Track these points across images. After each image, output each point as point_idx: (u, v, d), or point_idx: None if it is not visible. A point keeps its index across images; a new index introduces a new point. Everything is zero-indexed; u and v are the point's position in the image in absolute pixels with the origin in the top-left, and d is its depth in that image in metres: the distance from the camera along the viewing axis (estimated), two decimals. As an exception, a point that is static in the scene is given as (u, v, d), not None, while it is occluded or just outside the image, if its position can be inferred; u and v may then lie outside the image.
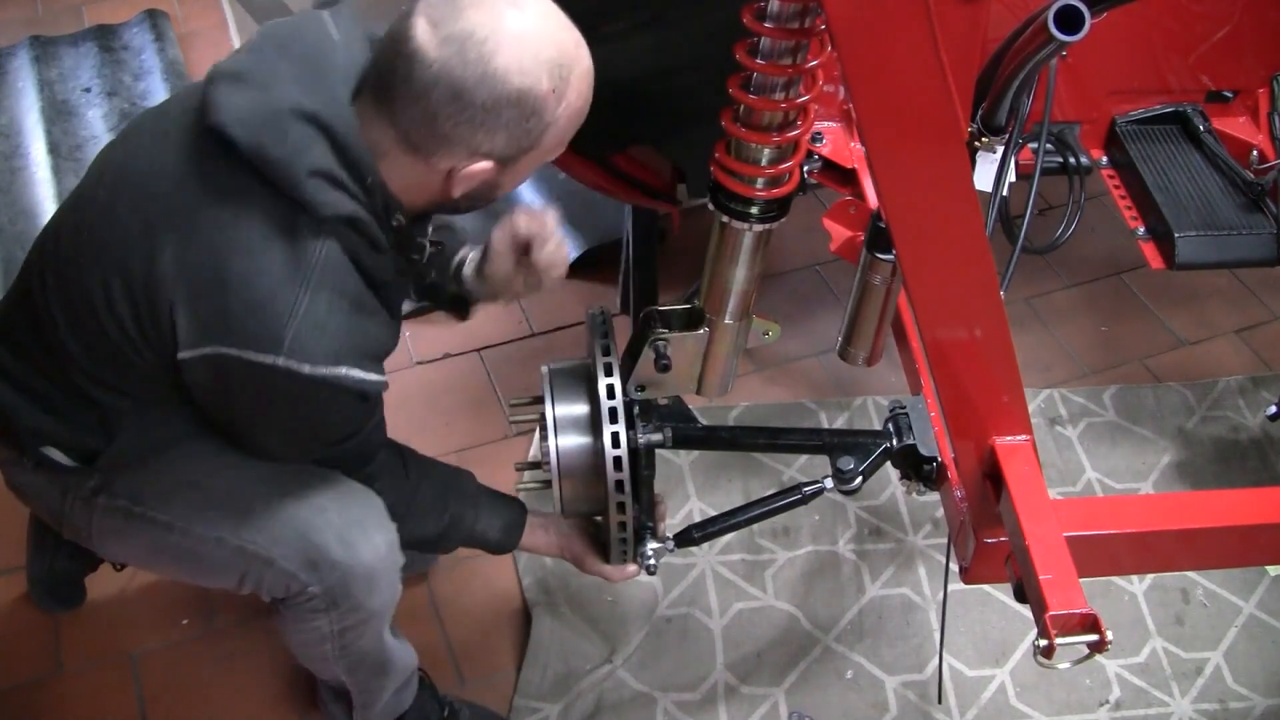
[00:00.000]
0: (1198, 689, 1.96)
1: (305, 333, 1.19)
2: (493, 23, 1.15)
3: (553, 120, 1.22)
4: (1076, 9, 1.27)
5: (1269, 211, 1.94)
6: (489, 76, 1.15)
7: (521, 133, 1.21)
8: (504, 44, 1.15)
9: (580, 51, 1.23)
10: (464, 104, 1.17)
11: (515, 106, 1.18)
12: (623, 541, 1.52)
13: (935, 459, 1.53)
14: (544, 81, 1.18)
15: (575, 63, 1.22)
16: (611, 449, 1.40)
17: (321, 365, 1.20)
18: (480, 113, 1.17)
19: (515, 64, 1.16)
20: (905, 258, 1.19)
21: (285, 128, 1.17)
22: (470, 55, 1.15)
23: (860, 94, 1.05)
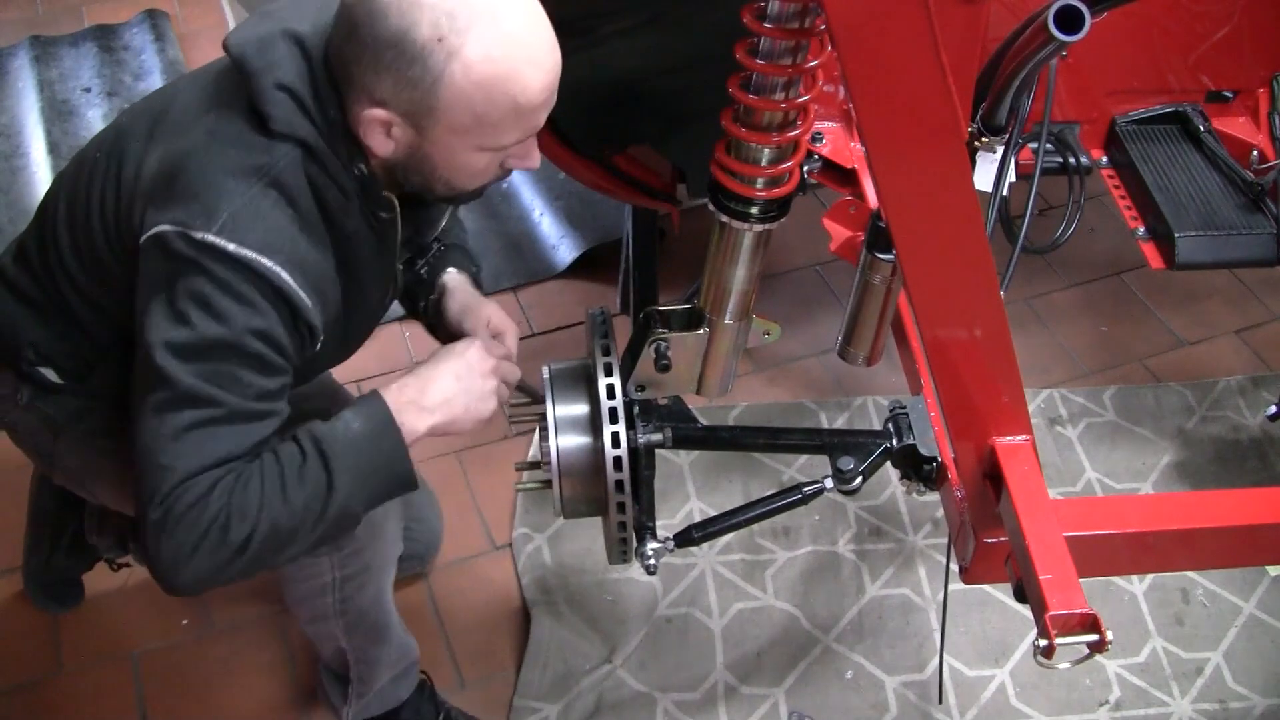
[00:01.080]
0: (1198, 689, 1.96)
1: (242, 216, 1.18)
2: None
3: (442, 75, 1.15)
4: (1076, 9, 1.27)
5: (1269, 211, 1.94)
6: (371, 11, 1.14)
7: (406, 81, 1.16)
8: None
9: (500, 9, 1.15)
10: (355, 40, 1.17)
11: (393, 48, 1.15)
12: (622, 541, 1.52)
13: (935, 459, 1.53)
14: (423, 28, 1.13)
15: (479, 17, 1.14)
16: (611, 449, 1.40)
17: (249, 248, 1.17)
18: (365, 50, 1.16)
19: (391, 11, 1.13)
20: (905, 258, 1.19)
21: (270, 43, 1.21)
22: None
23: (860, 94, 1.04)
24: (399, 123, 1.20)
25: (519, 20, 1.17)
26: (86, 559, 1.89)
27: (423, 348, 2.40)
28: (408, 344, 2.41)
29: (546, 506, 2.08)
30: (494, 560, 2.08)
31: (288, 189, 1.21)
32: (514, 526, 2.12)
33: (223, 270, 1.17)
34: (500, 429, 2.27)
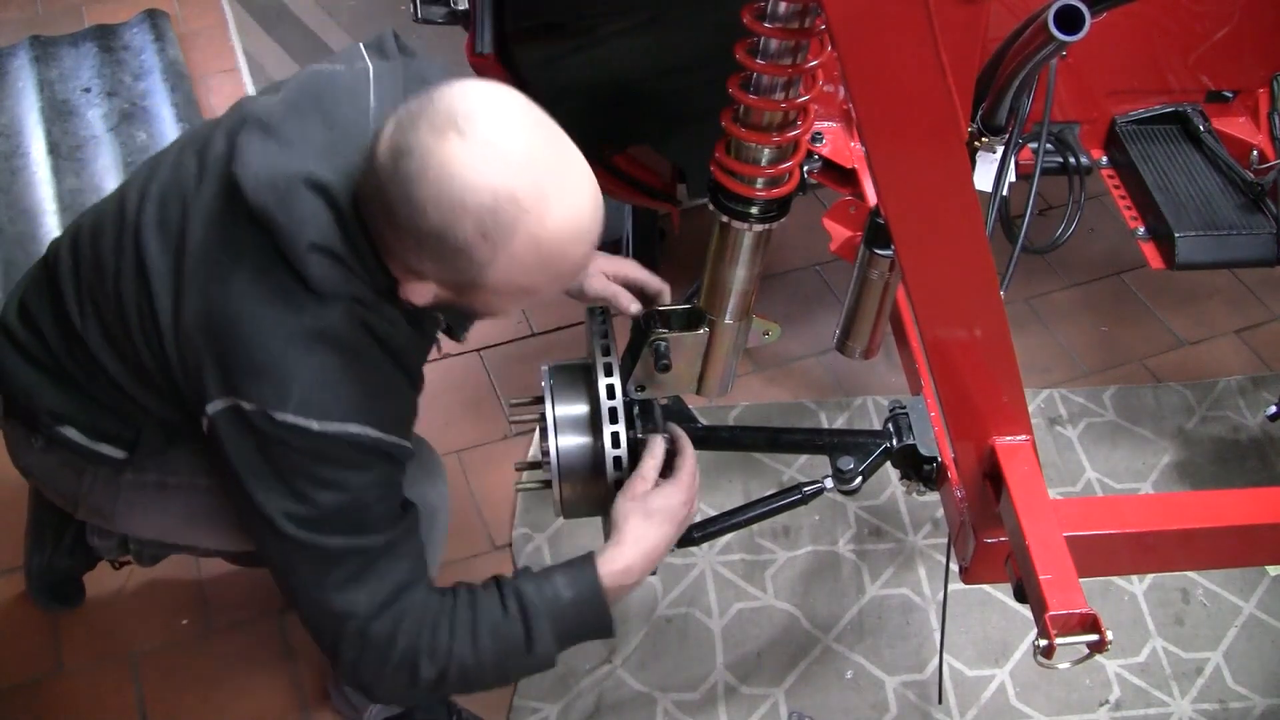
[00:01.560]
0: (1198, 689, 1.96)
1: (316, 389, 1.17)
2: (430, 145, 1.06)
3: (488, 265, 1.11)
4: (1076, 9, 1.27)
5: (1269, 211, 1.94)
6: (409, 202, 1.08)
7: (450, 267, 1.13)
8: (429, 173, 1.06)
9: (542, 197, 1.08)
10: (393, 221, 1.11)
11: (435, 241, 1.09)
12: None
13: (935, 459, 1.53)
14: (466, 226, 1.07)
15: (524, 213, 1.08)
16: (611, 449, 1.40)
17: (332, 421, 1.17)
18: (405, 234, 1.11)
19: (433, 199, 1.07)
20: (905, 258, 1.19)
21: (294, 196, 1.14)
22: (400, 173, 1.07)
23: (860, 94, 1.04)
24: (441, 290, 1.19)
25: (564, 207, 1.11)
26: (88, 559, 1.89)
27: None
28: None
29: (546, 506, 2.08)
30: (494, 560, 2.07)
31: (348, 346, 1.20)
32: (514, 526, 2.12)
33: (315, 445, 1.18)
34: (500, 429, 2.27)
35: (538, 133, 1.11)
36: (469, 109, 1.07)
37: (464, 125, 1.06)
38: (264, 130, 1.18)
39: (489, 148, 1.06)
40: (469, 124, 1.06)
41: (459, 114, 1.06)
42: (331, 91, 1.23)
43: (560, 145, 1.13)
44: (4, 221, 2.62)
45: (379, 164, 1.09)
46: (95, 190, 2.69)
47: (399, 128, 1.08)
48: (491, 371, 2.39)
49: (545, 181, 1.09)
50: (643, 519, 1.36)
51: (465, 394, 2.34)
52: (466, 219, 1.07)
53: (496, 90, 1.12)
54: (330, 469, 1.20)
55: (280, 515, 1.21)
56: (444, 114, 1.07)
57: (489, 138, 1.06)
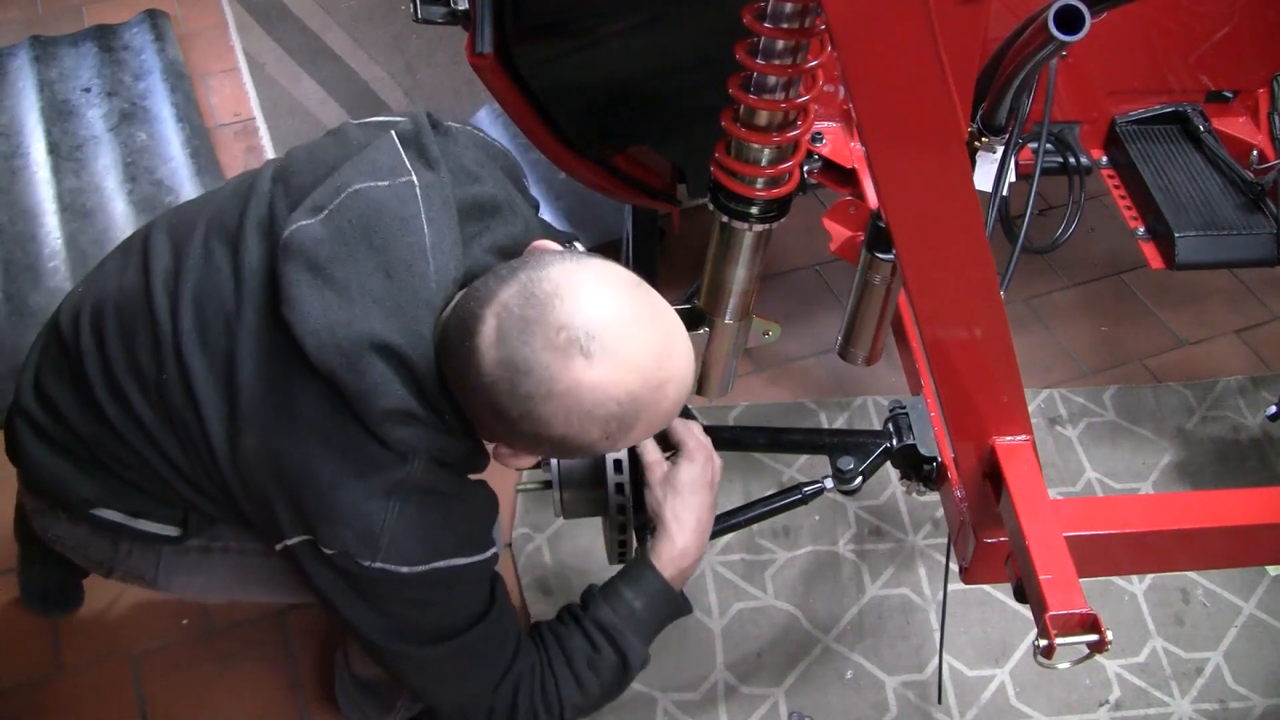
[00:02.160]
0: (1198, 689, 1.96)
1: (401, 538, 1.18)
2: (554, 368, 1.04)
3: (603, 448, 1.14)
4: (1076, 9, 1.27)
5: (1269, 211, 1.94)
6: (531, 416, 1.07)
7: (561, 453, 1.20)
8: (556, 394, 1.05)
9: (656, 387, 1.09)
10: (504, 422, 1.10)
11: (555, 445, 1.11)
12: (622, 543, 1.52)
13: (935, 459, 1.53)
14: (594, 432, 1.09)
15: (645, 407, 1.10)
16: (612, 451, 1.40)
17: (419, 564, 1.20)
18: (518, 436, 1.12)
19: (563, 416, 1.07)
20: (905, 258, 1.19)
21: (363, 362, 1.11)
22: (520, 390, 1.05)
23: (860, 94, 1.04)
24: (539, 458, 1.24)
25: (678, 387, 1.13)
26: (79, 569, 1.88)
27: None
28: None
29: (546, 506, 2.08)
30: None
31: (429, 491, 1.21)
32: (514, 526, 2.12)
33: (405, 583, 1.20)
34: (500, 429, 2.27)
35: (650, 325, 1.10)
36: (588, 324, 1.05)
37: (587, 344, 1.04)
38: (313, 270, 1.13)
39: (613, 363, 1.06)
40: (591, 339, 1.05)
41: (579, 331, 1.04)
42: (380, 220, 1.15)
43: (665, 323, 1.12)
44: (4, 222, 2.62)
45: (488, 374, 1.06)
46: (95, 190, 2.69)
47: (507, 337, 1.05)
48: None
49: (663, 376, 1.10)
50: (675, 499, 1.38)
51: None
52: (593, 428, 1.08)
53: (605, 286, 1.09)
54: (422, 598, 1.24)
55: (376, 632, 1.25)
56: (563, 330, 1.04)
57: (614, 352, 1.06)
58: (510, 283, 1.08)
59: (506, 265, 1.12)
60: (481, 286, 1.11)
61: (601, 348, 1.05)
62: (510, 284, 1.08)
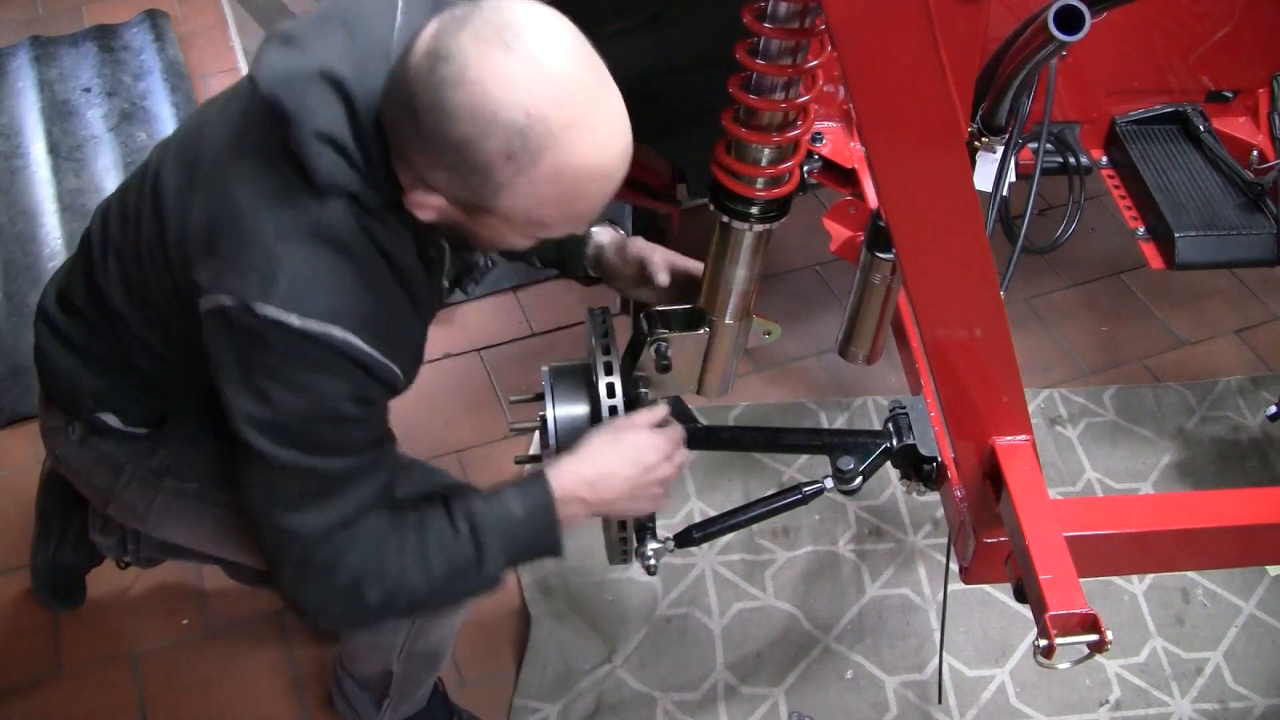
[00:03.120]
0: (1198, 689, 1.96)
1: (301, 284, 1.12)
2: (473, 52, 1.02)
3: (504, 187, 1.08)
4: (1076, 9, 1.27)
5: (1269, 211, 1.94)
6: (438, 108, 1.04)
7: (464, 184, 1.09)
8: (468, 81, 1.02)
9: (575, 126, 1.05)
10: (413, 123, 1.07)
11: (456, 153, 1.06)
12: (623, 541, 1.52)
13: (935, 459, 1.53)
14: (493, 143, 1.04)
15: (555, 140, 1.05)
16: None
17: (313, 319, 1.11)
18: (423, 140, 1.07)
19: (467, 108, 1.03)
20: (905, 258, 1.19)
21: (306, 86, 1.11)
22: (434, 77, 1.03)
23: (860, 94, 1.04)
24: (448, 207, 1.14)
25: (595, 141, 1.08)
26: (91, 556, 1.89)
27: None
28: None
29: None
30: (494, 560, 2.07)
31: (343, 244, 1.14)
32: (514, 526, 2.12)
33: (291, 344, 1.12)
34: (501, 429, 2.27)
35: (583, 60, 1.07)
36: (519, 23, 1.04)
37: (511, 38, 1.02)
38: (285, 40, 1.15)
39: (532, 65, 1.03)
40: (516, 38, 1.03)
41: (508, 25, 1.03)
42: (356, 9, 1.18)
43: (601, 78, 1.09)
44: (4, 221, 2.62)
45: (413, 63, 1.05)
46: (95, 190, 2.69)
47: (441, 31, 1.04)
48: (491, 371, 2.39)
49: (582, 111, 1.06)
50: (607, 440, 1.34)
51: (465, 394, 2.34)
52: (495, 134, 1.03)
53: (547, 11, 1.08)
54: (301, 372, 1.14)
55: (245, 420, 1.17)
56: (492, 24, 1.03)
57: (534, 55, 1.03)
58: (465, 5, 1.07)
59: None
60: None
61: (524, 45, 1.03)
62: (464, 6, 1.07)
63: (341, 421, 1.18)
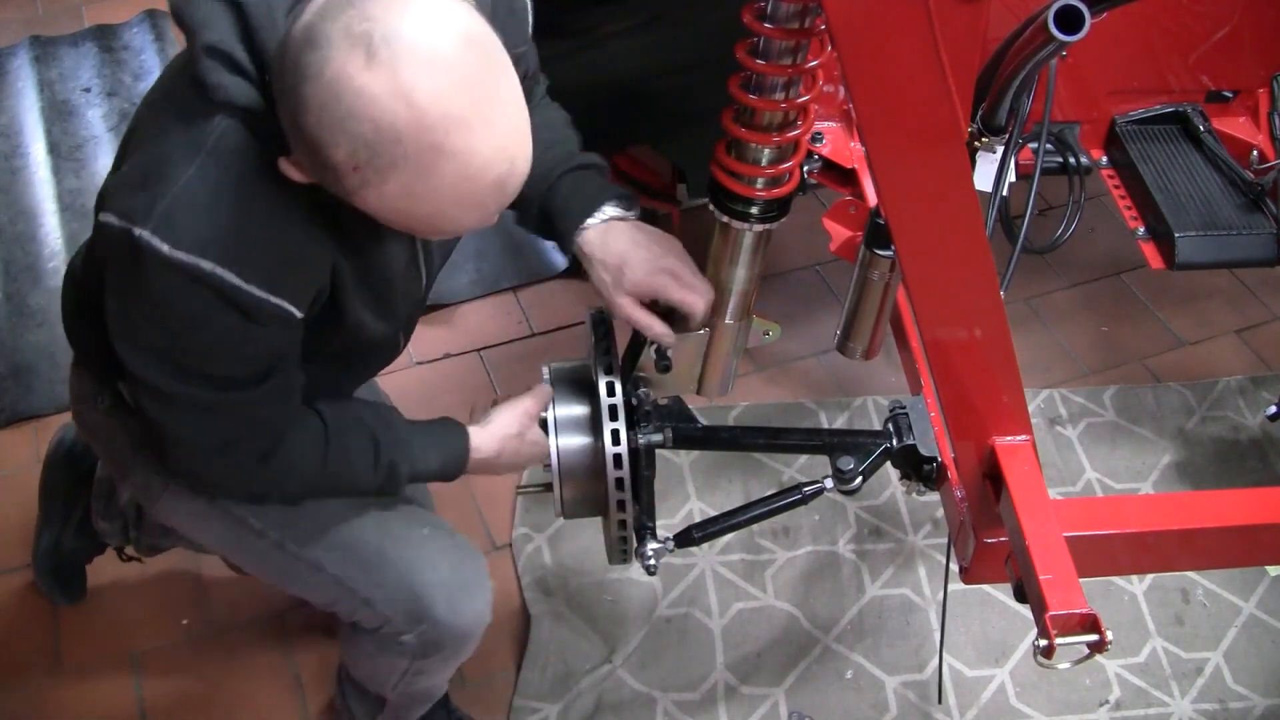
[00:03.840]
0: (1198, 689, 1.96)
1: (179, 207, 1.06)
2: (337, 49, 0.95)
3: (356, 193, 1.02)
4: (1076, 9, 1.27)
5: (1269, 211, 1.94)
6: (295, 94, 0.98)
7: (318, 170, 1.03)
8: (323, 80, 0.96)
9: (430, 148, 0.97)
10: (281, 94, 1.01)
11: (307, 145, 1.00)
12: (623, 541, 1.52)
13: (935, 459, 1.53)
14: (338, 150, 0.98)
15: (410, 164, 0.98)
16: (611, 446, 1.40)
17: (182, 250, 1.05)
18: (285, 115, 1.02)
19: (316, 105, 0.97)
20: (905, 258, 1.19)
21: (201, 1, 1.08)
22: (300, 60, 0.97)
23: (860, 94, 1.04)
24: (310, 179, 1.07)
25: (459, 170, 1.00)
26: (93, 544, 1.89)
27: (423, 348, 2.40)
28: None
29: (546, 506, 2.08)
30: (494, 560, 2.07)
31: (229, 164, 1.08)
32: (514, 526, 2.12)
33: (160, 276, 1.07)
34: (500, 429, 2.27)
35: (464, 76, 0.98)
36: (395, 26, 0.95)
37: (379, 44, 0.94)
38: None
39: (392, 82, 0.95)
40: (386, 44, 0.94)
41: (381, 27, 0.95)
42: None
43: (483, 97, 0.99)
44: (4, 221, 2.62)
45: (293, 33, 0.99)
46: (95, 190, 2.67)
47: (324, 9, 0.97)
48: (491, 371, 2.39)
49: (444, 138, 0.97)
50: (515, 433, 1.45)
51: (465, 394, 2.34)
52: (341, 142, 0.97)
53: (438, 12, 0.98)
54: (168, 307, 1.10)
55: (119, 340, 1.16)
56: (371, 18, 0.95)
57: (399, 65, 0.95)
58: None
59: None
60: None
61: (391, 54, 0.94)
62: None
63: (212, 357, 1.15)
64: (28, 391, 2.27)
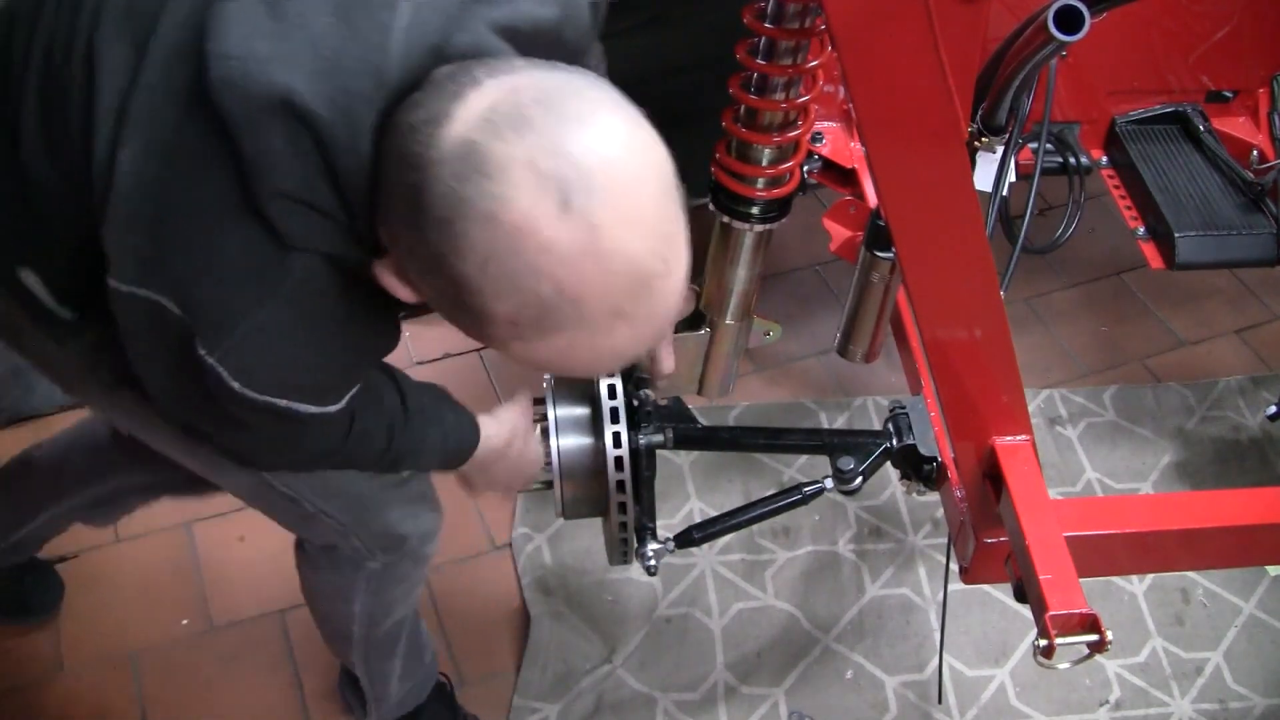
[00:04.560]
0: (1198, 689, 1.96)
1: (249, 350, 0.95)
2: (522, 188, 0.79)
3: (495, 340, 0.89)
4: (1076, 9, 1.27)
5: (1269, 211, 1.94)
6: (450, 230, 0.81)
7: (451, 312, 0.90)
8: (498, 222, 0.80)
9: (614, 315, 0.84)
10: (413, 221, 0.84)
11: (453, 287, 0.84)
12: (623, 542, 1.52)
13: (935, 459, 1.53)
14: (506, 304, 0.83)
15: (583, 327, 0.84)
16: (612, 448, 1.40)
17: (254, 391, 0.97)
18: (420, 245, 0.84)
19: (482, 254, 0.81)
20: (905, 258, 1.19)
21: (264, 123, 0.86)
22: (463, 190, 0.80)
23: (860, 94, 1.04)
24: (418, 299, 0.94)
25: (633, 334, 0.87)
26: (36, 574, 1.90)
27: (423, 348, 2.40)
28: (408, 344, 2.40)
29: (547, 506, 2.08)
30: (494, 560, 2.07)
31: (305, 309, 0.95)
32: (514, 526, 2.12)
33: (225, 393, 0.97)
34: (500, 429, 2.27)
35: (657, 229, 0.85)
36: (591, 166, 0.80)
37: (575, 192, 0.79)
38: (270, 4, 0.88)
39: (590, 237, 0.80)
40: (583, 194, 0.79)
41: (575, 168, 0.80)
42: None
43: (671, 246, 0.86)
44: (4, 221, 2.62)
45: (440, 148, 0.81)
46: (95, 190, 2.68)
47: (495, 123, 0.80)
48: (491, 371, 2.39)
49: (632, 298, 0.84)
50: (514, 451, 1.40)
51: (465, 394, 2.30)
52: (508, 297, 0.83)
53: (634, 148, 0.85)
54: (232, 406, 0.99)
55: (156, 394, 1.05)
56: (558, 153, 0.80)
57: (598, 223, 0.80)
58: (523, 74, 0.83)
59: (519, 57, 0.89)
60: (476, 67, 0.85)
61: (586, 210, 0.80)
62: (523, 74, 0.83)
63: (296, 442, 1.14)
64: (28, 391, 2.27)
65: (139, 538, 2.06)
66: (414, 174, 0.82)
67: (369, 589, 1.52)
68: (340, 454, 1.20)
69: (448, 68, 0.87)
